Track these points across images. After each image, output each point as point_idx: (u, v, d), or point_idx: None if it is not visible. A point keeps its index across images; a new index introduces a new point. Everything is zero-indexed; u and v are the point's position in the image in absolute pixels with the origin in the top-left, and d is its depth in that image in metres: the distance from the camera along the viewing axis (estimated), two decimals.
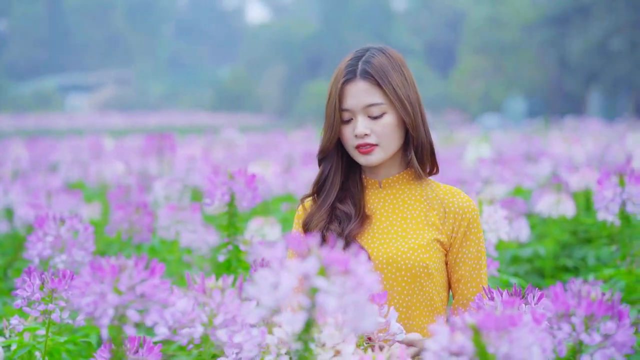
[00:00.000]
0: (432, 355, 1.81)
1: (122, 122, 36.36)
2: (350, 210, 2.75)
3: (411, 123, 2.71)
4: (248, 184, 3.53)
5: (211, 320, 2.04)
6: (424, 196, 2.77)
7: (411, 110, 2.70)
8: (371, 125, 2.69)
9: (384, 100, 2.69)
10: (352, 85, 2.71)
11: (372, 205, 2.79)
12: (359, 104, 2.69)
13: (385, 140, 2.70)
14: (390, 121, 2.70)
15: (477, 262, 2.74)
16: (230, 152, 12.05)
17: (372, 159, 2.72)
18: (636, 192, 3.84)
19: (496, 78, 44.90)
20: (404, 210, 2.76)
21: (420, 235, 2.71)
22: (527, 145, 12.49)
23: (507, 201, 5.57)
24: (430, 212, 2.74)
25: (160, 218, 5.12)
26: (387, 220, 2.76)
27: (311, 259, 1.69)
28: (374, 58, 2.72)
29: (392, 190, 2.80)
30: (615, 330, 1.93)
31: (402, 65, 2.75)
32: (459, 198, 2.76)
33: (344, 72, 2.73)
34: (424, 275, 2.68)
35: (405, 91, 2.70)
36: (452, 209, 2.74)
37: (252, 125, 33.52)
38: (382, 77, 2.68)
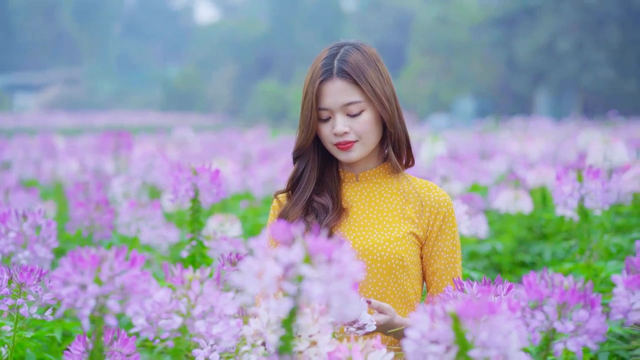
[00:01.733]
0: (412, 343, 1.83)
1: (70, 122, 35.99)
2: (328, 202, 2.77)
3: (389, 119, 2.73)
4: (212, 180, 3.54)
5: (189, 311, 2.05)
6: (401, 190, 2.80)
7: (388, 105, 2.72)
8: (350, 123, 2.71)
9: (362, 98, 2.70)
10: (329, 84, 2.71)
11: (349, 198, 2.82)
12: (337, 103, 2.70)
13: (365, 137, 2.72)
14: (368, 118, 2.71)
15: (452, 255, 2.77)
16: (184, 151, 12.02)
17: (353, 155, 2.74)
18: (594, 187, 3.91)
19: (445, 78, 45.21)
20: (381, 204, 2.79)
21: (396, 228, 2.73)
22: (480, 143, 12.61)
23: (465, 198, 5.63)
24: (407, 206, 2.77)
25: (120, 215, 5.10)
26: (364, 213, 2.78)
27: (297, 247, 1.71)
28: (349, 55, 2.73)
29: (369, 184, 2.82)
30: (588, 318, 1.97)
31: (377, 61, 2.77)
32: (435, 192, 2.79)
33: (320, 71, 2.72)
34: (398, 268, 2.70)
35: (381, 87, 2.72)
36: (429, 203, 2.76)
37: (203, 125, 33.38)
38: (359, 75, 2.69)
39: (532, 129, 18.93)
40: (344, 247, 1.72)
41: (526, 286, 2.03)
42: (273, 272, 1.70)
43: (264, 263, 1.71)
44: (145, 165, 7.11)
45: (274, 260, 1.70)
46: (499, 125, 23.79)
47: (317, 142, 2.82)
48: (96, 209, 4.83)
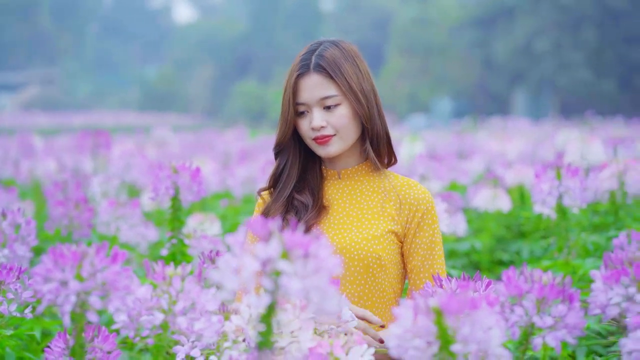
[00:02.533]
0: (395, 338, 1.85)
1: (48, 122, 35.82)
2: (308, 200, 2.78)
3: (365, 114, 2.74)
4: (193, 178, 3.55)
5: (171, 307, 2.05)
6: (381, 187, 2.80)
7: (365, 101, 2.73)
8: (327, 117, 2.73)
9: (338, 92, 2.72)
10: (306, 79, 2.74)
11: (330, 196, 2.83)
12: (313, 97, 2.72)
13: (342, 131, 2.74)
14: (345, 112, 2.73)
15: (430, 252, 2.76)
16: (163, 151, 11.99)
17: (331, 149, 2.75)
18: (572, 185, 3.94)
19: (423, 78, 45.32)
20: (361, 202, 2.79)
21: (374, 226, 2.74)
22: (458, 143, 12.66)
23: (444, 196, 5.65)
24: (387, 204, 2.77)
25: (100, 214, 5.09)
26: (344, 211, 2.79)
27: (274, 243, 1.72)
28: (326, 51, 2.75)
29: (351, 182, 2.83)
30: (566, 312, 1.99)
31: (355, 57, 2.78)
32: (415, 189, 2.79)
33: (297, 67, 2.75)
34: (376, 267, 2.70)
35: (358, 82, 2.74)
36: (408, 200, 2.77)
37: (181, 125, 33.32)
38: (335, 70, 2.71)
39: (510, 129, 19.02)
40: (321, 242, 1.73)
41: (505, 281, 2.05)
42: (251, 268, 1.70)
43: (242, 259, 1.71)
44: (123, 164, 7.10)
45: (251, 256, 1.71)
46: (476, 126, 23.89)
47: (298, 138, 2.83)
48: (75, 208, 4.81)
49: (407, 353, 1.85)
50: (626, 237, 2.86)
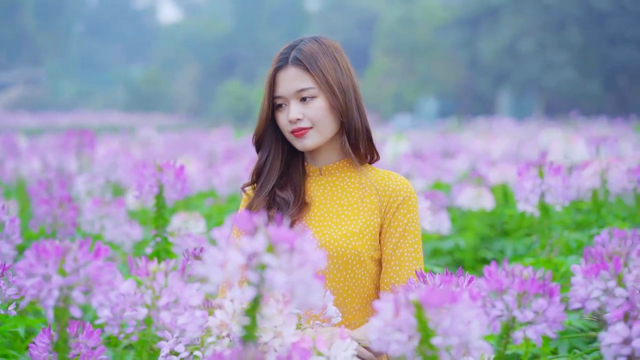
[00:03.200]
0: (376, 331, 1.86)
1: (33, 122, 35.70)
2: (289, 197, 2.79)
3: (341, 108, 2.76)
4: (177, 176, 3.56)
5: (154, 302, 2.06)
6: (362, 183, 2.81)
7: (341, 95, 2.75)
8: (303, 109, 2.75)
9: (314, 85, 2.75)
10: (284, 72, 2.77)
11: (312, 192, 2.84)
12: (290, 89, 2.76)
13: (319, 124, 2.76)
14: (321, 105, 2.75)
15: (402, 240, 2.75)
16: (148, 150, 11.99)
17: (307, 142, 2.77)
18: (555, 183, 3.97)
19: (408, 78, 45.39)
20: (342, 198, 2.81)
21: (354, 222, 2.75)
22: (443, 142, 12.70)
23: (428, 195, 5.68)
24: (367, 198, 2.78)
25: (84, 213, 5.09)
26: (325, 208, 2.80)
27: (259, 237, 1.73)
28: (305, 45, 2.79)
29: (332, 178, 2.84)
30: (547, 307, 2.00)
31: (335, 52, 2.81)
32: (395, 180, 2.81)
33: (276, 60, 2.79)
34: (355, 262, 2.71)
35: (335, 76, 2.76)
36: (387, 191, 2.78)
37: (167, 125, 33.26)
38: (312, 63, 2.74)
39: (494, 129, 19.09)
40: (306, 236, 1.75)
41: (487, 276, 2.07)
42: (236, 262, 1.72)
43: (227, 252, 1.73)
44: (108, 163, 7.10)
45: (237, 249, 1.73)
46: (461, 125, 23.96)
47: (280, 133, 2.86)
48: (59, 207, 4.81)
49: (389, 347, 1.86)
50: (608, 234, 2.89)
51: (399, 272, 2.71)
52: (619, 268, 2.06)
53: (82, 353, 2.27)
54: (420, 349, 1.84)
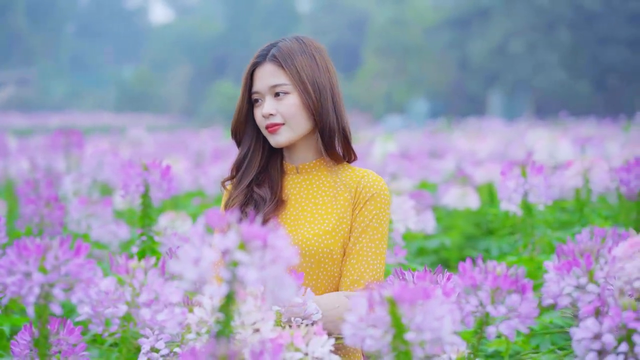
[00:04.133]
0: (350, 326, 1.90)
1: (23, 122, 35.63)
2: (266, 194, 2.83)
3: (314, 106, 2.78)
4: (163, 175, 3.58)
5: (134, 299, 2.09)
6: (337, 182, 2.84)
7: (315, 93, 2.78)
8: (276, 105, 2.79)
9: (288, 81, 2.78)
10: (260, 69, 2.82)
11: (289, 190, 2.87)
12: (265, 85, 2.80)
13: (291, 120, 2.79)
14: (294, 101, 2.78)
15: (364, 234, 2.76)
16: (137, 150, 12.00)
17: (279, 138, 2.80)
18: (537, 182, 4.01)
19: (399, 79, 45.43)
20: (316, 196, 2.84)
21: (326, 220, 2.78)
22: (431, 142, 12.75)
23: (414, 194, 5.71)
24: (341, 196, 2.81)
25: (71, 212, 5.11)
26: (300, 206, 2.83)
27: (231, 234, 1.76)
28: (284, 43, 2.83)
29: (308, 176, 2.87)
30: (520, 302, 2.04)
31: (315, 52, 2.84)
32: (367, 178, 2.82)
33: (255, 57, 2.85)
34: (327, 260, 2.74)
35: (311, 74, 2.79)
36: (359, 187, 2.80)
37: (158, 125, 33.24)
38: (287, 60, 2.78)
39: (483, 129, 19.14)
40: (279, 233, 1.78)
41: (461, 272, 2.10)
42: (209, 259, 1.75)
43: (200, 250, 1.76)
44: (95, 163, 7.12)
45: (209, 246, 1.76)
46: (451, 126, 24.00)
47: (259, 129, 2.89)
48: (46, 206, 4.82)
49: (364, 342, 1.90)
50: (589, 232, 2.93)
51: (356, 266, 2.73)
52: (590, 264, 2.10)
53: (64, 350, 2.30)
54: (394, 344, 1.87)
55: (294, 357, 2.08)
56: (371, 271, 2.72)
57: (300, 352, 2.08)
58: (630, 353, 1.91)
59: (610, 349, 1.92)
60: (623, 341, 1.92)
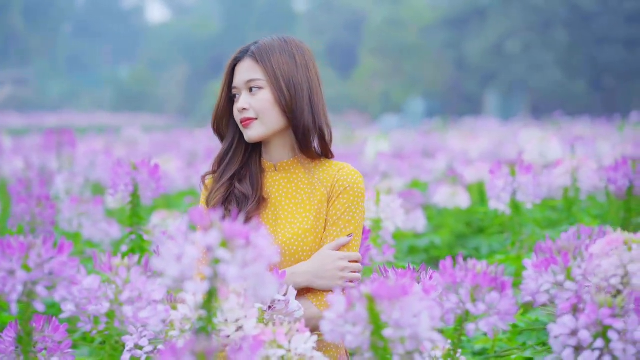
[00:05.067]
0: (328, 323, 1.92)
1: (20, 122, 35.61)
2: (248, 191, 2.84)
3: (287, 103, 2.80)
4: (151, 174, 3.59)
5: (117, 297, 2.11)
6: (314, 178, 2.85)
7: (290, 91, 2.80)
8: (250, 100, 2.82)
9: (263, 77, 2.81)
10: (240, 64, 2.85)
11: (268, 188, 2.88)
12: (241, 80, 2.83)
13: (263, 116, 2.80)
14: (266, 97, 2.80)
15: (335, 227, 2.78)
16: (132, 150, 12.02)
17: (252, 133, 2.82)
18: (525, 181, 4.04)
19: (396, 79, 45.46)
20: (295, 195, 2.85)
21: (305, 218, 2.80)
22: (424, 142, 12.77)
23: (404, 193, 5.74)
24: (318, 192, 2.82)
25: (62, 211, 5.13)
26: (280, 205, 2.85)
27: (213, 232, 1.79)
28: (265, 41, 2.87)
29: (287, 174, 2.89)
30: (499, 300, 2.06)
31: (296, 51, 2.86)
32: (343, 171, 2.84)
33: (236, 53, 2.89)
34: (307, 258, 2.77)
35: (288, 72, 2.81)
36: (335, 180, 2.81)
37: (154, 125, 33.23)
38: (263, 55, 2.81)
39: (478, 129, 19.17)
40: (260, 231, 1.80)
41: (441, 270, 2.12)
42: (191, 256, 1.77)
43: (182, 247, 1.78)
44: (87, 162, 7.14)
45: (192, 244, 1.78)
46: (446, 125, 24.04)
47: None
48: (37, 205, 4.84)
49: (345, 338, 1.92)
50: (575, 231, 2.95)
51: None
52: (568, 262, 2.12)
53: (49, 347, 2.32)
54: (372, 340, 1.90)
55: (276, 354, 2.10)
56: None
57: (282, 349, 2.10)
58: (606, 349, 1.93)
59: (587, 345, 1.95)
60: (599, 337, 1.94)
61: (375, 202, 4.18)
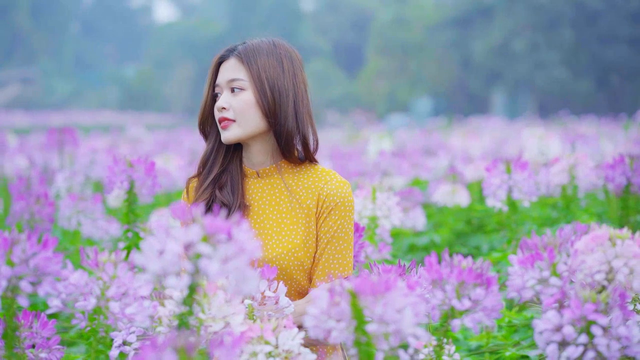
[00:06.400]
0: (311, 319, 1.92)
1: (26, 121, 35.69)
2: (229, 199, 2.78)
3: (269, 107, 2.75)
4: (147, 172, 3.59)
5: (104, 292, 2.12)
6: (300, 187, 2.80)
7: (273, 95, 2.75)
8: (231, 100, 2.78)
9: (246, 78, 2.77)
10: (225, 63, 2.83)
11: (250, 195, 2.83)
12: (224, 79, 2.80)
13: (241, 117, 2.76)
14: (247, 98, 2.76)
15: (330, 245, 2.75)
16: (135, 149, 12.04)
17: (228, 134, 2.77)
18: (521, 179, 4.04)
19: (401, 78, 45.44)
20: (279, 203, 2.80)
21: (294, 231, 2.75)
22: (426, 140, 12.76)
23: (404, 192, 5.74)
24: (304, 203, 2.78)
25: (61, 208, 5.14)
26: (264, 214, 2.80)
27: (194, 227, 1.79)
28: (253, 41, 2.83)
29: (269, 181, 2.83)
30: (484, 296, 2.06)
31: (284, 56, 2.81)
32: (332, 182, 2.79)
33: (222, 52, 2.86)
34: (299, 272, 2.74)
35: (272, 75, 2.77)
36: (322, 194, 2.76)
37: (159, 124, 33.26)
38: (249, 57, 2.78)
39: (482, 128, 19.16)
40: (241, 226, 1.80)
41: (427, 266, 2.12)
42: (172, 251, 1.77)
43: (164, 242, 1.78)
44: (88, 160, 7.16)
45: (173, 239, 1.78)
46: (451, 124, 24.01)
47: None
48: (36, 202, 4.85)
49: (329, 334, 1.92)
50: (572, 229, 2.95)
51: (322, 278, 2.72)
52: (553, 258, 2.12)
53: (37, 343, 2.32)
54: (356, 336, 1.90)
55: (263, 350, 2.10)
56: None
57: (269, 345, 2.10)
58: (590, 344, 1.93)
59: (571, 340, 1.94)
60: (583, 333, 1.94)
61: (372, 199, 4.18)
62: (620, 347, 1.92)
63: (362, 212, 4.15)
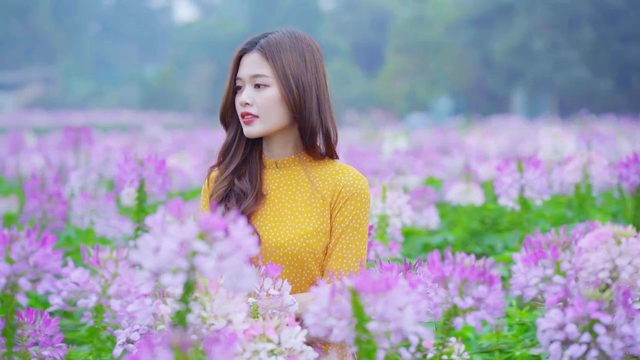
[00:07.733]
0: (312, 316, 1.91)
1: (46, 120, 35.85)
2: (247, 187, 2.81)
3: (294, 102, 2.76)
4: (157, 170, 3.59)
5: (105, 290, 2.12)
6: (317, 178, 2.82)
7: (298, 90, 2.76)
8: (254, 96, 2.77)
9: (270, 74, 2.76)
10: (247, 57, 2.81)
11: (268, 185, 2.85)
12: (247, 73, 2.79)
13: (265, 113, 2.76)
14: (272, 95, 2.76)
15: (344, 235, 2.75)
16: (153, 148, 12.06)
17: (252, 129, 2.78)
18: (533, 177, 4.02)
19: (421, 78, 45.36)
20: (296, 193, 2.82)
21: (307, 219, 2.76)
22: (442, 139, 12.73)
23: (418, 191, 5.72)
24: (320, 193, 2.79)
25: (74, 207, 5.14)
26: (280, 202, 2.81)
27: (190, 224, 1.78)
28: (275, 35, 2.81)
29: (288, 172, 2.85)
30: (487, 294, 2.04)
31: (306, 50, 2.81)
32: (347, 175, 2.80)
33: (244, 44, 2.84)
34: (310, 260, 2.73)
35: (297, 71, 2.77)
36: (338, 185, 2.78)
37: (178, 124, 33.35)
38: (273, 52, 2.77)
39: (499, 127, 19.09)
40: (238, 223, 1.79)
41: (430, 264, 2.11)
42: (168, 248, 1.76)
43: (160, 239, 1.77)
44: (103, 159, 7.17)
45: (169, 236, 1.77)
46: (470, 124, 23.94)
47: None
48: (49, 201, 4.86)
49: (331, 332, 1.91)
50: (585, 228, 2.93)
51: (337, 267, 2.72)
52: (557, 256, 2.10)
53: (41, 341, 2.32)
54: (357, 333, 1.88)
55: (265, 348, 2.09)
56: (352, 271, 2.72)
57: (272, 343, 2.09)
58: (593, 343, 1.91)
59: (574, 339, 1.93)
60: (586, 331, 1.92)
61: (382, 198, 4.16)
62: (623, 346, 1.90)
63: (371, 211, 4.14)
